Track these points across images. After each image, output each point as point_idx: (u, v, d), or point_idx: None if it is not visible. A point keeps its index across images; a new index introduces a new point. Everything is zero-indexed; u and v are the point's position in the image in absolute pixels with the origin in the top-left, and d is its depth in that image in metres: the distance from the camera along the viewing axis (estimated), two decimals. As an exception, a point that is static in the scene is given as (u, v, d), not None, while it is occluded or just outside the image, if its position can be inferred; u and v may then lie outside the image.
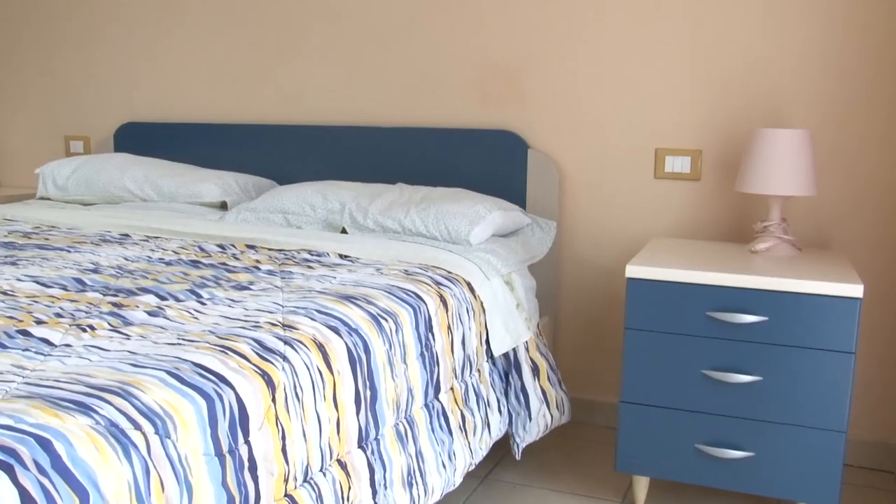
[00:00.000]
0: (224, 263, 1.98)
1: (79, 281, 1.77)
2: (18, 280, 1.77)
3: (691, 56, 2.46)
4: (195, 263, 1.98)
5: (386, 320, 1.62)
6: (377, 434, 1.56)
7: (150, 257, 2.05)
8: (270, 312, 1.52)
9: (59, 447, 0.94)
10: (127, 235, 2.37)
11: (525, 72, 2.65)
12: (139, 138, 3.21)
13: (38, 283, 1.74)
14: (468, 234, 2.21)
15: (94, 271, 1.87)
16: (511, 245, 2.33)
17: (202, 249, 2.15)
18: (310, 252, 2.12)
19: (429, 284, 1.87)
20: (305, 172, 2.92)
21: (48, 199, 2.99)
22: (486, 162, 2.67)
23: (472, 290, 2.01)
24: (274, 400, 1.26)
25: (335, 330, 1.48)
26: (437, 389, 1.80)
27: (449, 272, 2.01)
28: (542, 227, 2.52)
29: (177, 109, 3.20)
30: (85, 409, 1.02)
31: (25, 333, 1.35)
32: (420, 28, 2.76)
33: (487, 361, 2.09)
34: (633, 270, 2.01)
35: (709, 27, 2.43)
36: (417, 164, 2.76)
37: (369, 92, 2.86)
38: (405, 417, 1.67)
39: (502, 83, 2.69)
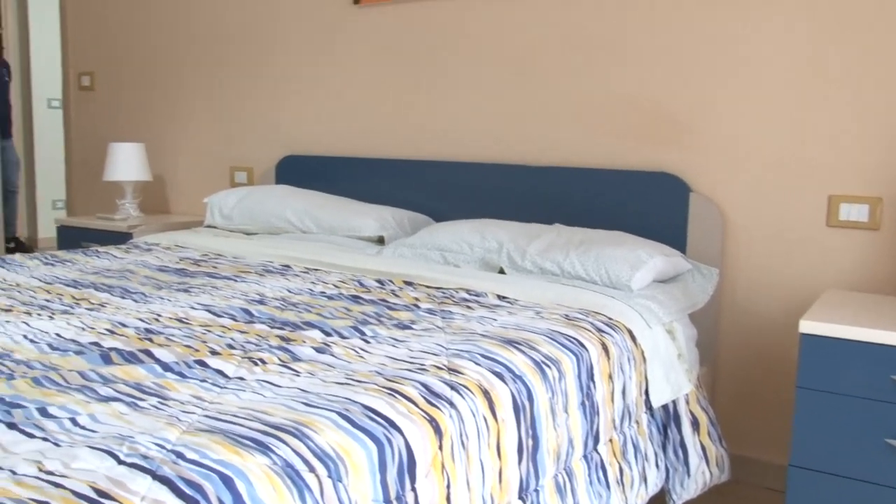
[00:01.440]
0: (384, 300, 1.99)
1: (247, 312, 1.81)
2: (192, 308, 1.83)
3: (869, 96, 2.32)
4: (356, 299, 2.00)
5: (549, 367, 1.58)
6: (537, 485, 1.51)
7: (311, 290, 2.09)
8: (435, 355, 1.51)
9: (241, 486, 0.94)
10: (288, 267, 2.43)
11: (687, 112, 2.57)
12: (299, 170, 3.31)
13: (209, 311, 1.80)
14: (629, 280, 2.14)
15: (261, 302, 1.92)
16: (672, 292, 2.24)
17: (362, 284, 2.17)
18: (468, 291, 2.11)
19: (590, 331, 1.82)
20: (460, 209, 2.92)
21: (214, 227, 3.11)
22: (645, 204, 2.60)
23: (633, 337, 1.95)
24: (441, 447, 1.24)
25: (500, 376, 1.45)
26: (597, 440, 1.74)
27: (610, 318, 1.95)
28: (704, 273, 2.42)
29: (335, 143, 3.29)
30: (263, 448, 1.03)
31: (202, 364, 1.39)
32: (577, 66, 2.72)
33: (646, 413, 2.01)
34: (808, 326, 1.89)
35: (888, 66, 2.28)
36: (573, 204, 2.71)
37: (525, 130, 2.84)
38: (564, 468, 1.62)
39: (662, 123, 2.62)
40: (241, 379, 1.33)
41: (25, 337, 1.56)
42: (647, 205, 2.59)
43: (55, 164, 6.99)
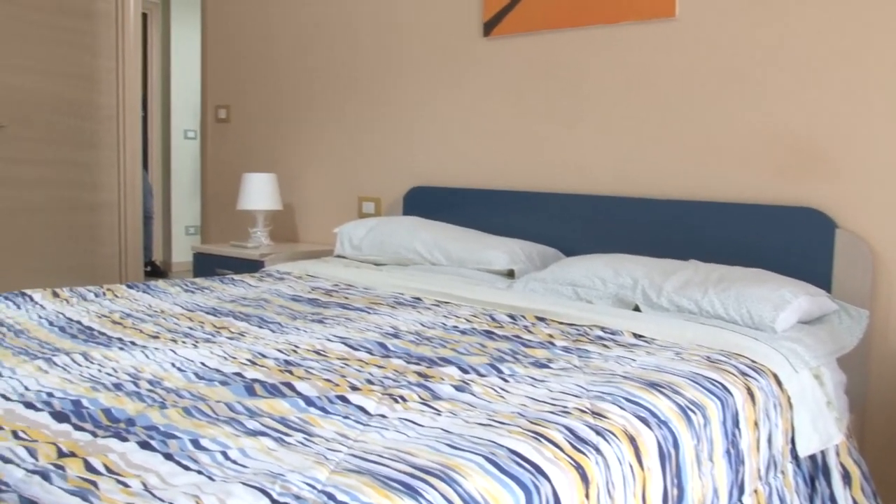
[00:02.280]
0: (518, 336, 1.96)
1: (382, 346, 1.82)
2: (328, 340, 1.85)
3: None
4: (489, 334, 1.97)
5: (694, 413, 1.51)
6: (681, 537, 1.44)
7: (444, 324, 2.08)
8: (576, 396, 1.47)
9: (392, 532, 0.93)
10: (419, 299, 2.44)
11: (832, 144, 2.45)
12: (427, 202, 3.33)
13: (346, 344, 1.81)
14: (773, 321, 2.04)
15: (395, 336, 1.92)
16: (818, 334, 2.13)
17: (494, 319, 2.15)
18: (602, 329, 2.06)
19: (734, 374, 1.74)
20: (590, 243, 2.87)
21: (344, 257, 3.16)
22: (786, 241, 2.48)
23: (778, 382, 1.85)
24: (587, 495, 1.20)
25: (645, 421, 1.40)
26: (741, 491, 1.66)
27: (753, 361, 1.86)
28: (852, 314, 2.29)
29: (463, 175, 3.29)
30: (412, 492, 1.01)
31: (343, 399, 1.39)
32: (711, 96, 2.64)
33: (791, 462, 1.90)
34: (977, 376, 1.75)
35: None
36: (709, 239, 2.62)
37: (656, 163, 2.77)
38: (709, 520, 1.54)
39: (804, 156, 2.51)
40: (383, 416, 1.32)
41: (173, 365, 1.60)
42: (788, 241, 2.48)
43: (188, 191, 7.30)
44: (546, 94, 3.04)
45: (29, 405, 1.32)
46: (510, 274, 2.74)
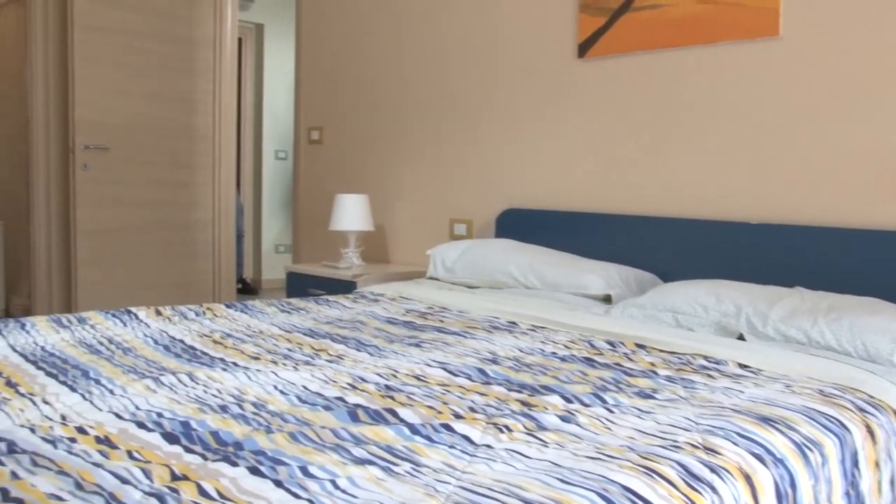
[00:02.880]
0: (619, 364, 1.92)
1: (482, 372, 1.79)
2: (427, 365, 1.84)
3: None
4: (589, 361, 1.93)
5: (811, 451, 1.44)
6: (798, 582, 1.37)
7: (542, 350, 2.05)
8: (685, 430, 1.42)
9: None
10: (515, 323, 2.41)
11: (955, 169, 2.34)
12: (520, 224, 3.30)
13: (445, 370, 1.80)
14: (892, 353, 1.95)
15: (494, 362, 1.90)
16: (938, 368, 2.02)
17: (593, 346, 2.11)
18: (706, 358, 1.99)
19: (852, 410, 1.66)
20: (687, 268, 2.80)
21: (437, 279, 3.16)
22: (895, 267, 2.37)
23: (898, 419, 1.75)
24: (704, 537, 1.15)
25: (760, 459, 1.34)
26: (860, 534, 1.57)
27: (871, 396, 1.77)
28: (974, 348, 2.17)
29: (556, 198, 3.26)
30: (527, 528, 0.99)
31: (448, 428, 1.37)
32: (817, 117, 2.55)
33: (911, 504, 1.80)
34: None
35: None
36: (813, 266, 2.53)
37: (757, 186, 2.69)
38: (827, 565, 1.46)
39: (921, 180, 2.39)
40: (489, 447, 1.30)
41: (275, 387, 1.61)
42: (902, 269, 2.37)
43: (278, 211, 7.43)
44: (642, 115, 2.98)
45: (141, 425, 1.35)
46: (607, 299, 2.69)
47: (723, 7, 2.75)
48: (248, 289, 7.07)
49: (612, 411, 1.52)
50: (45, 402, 1.47)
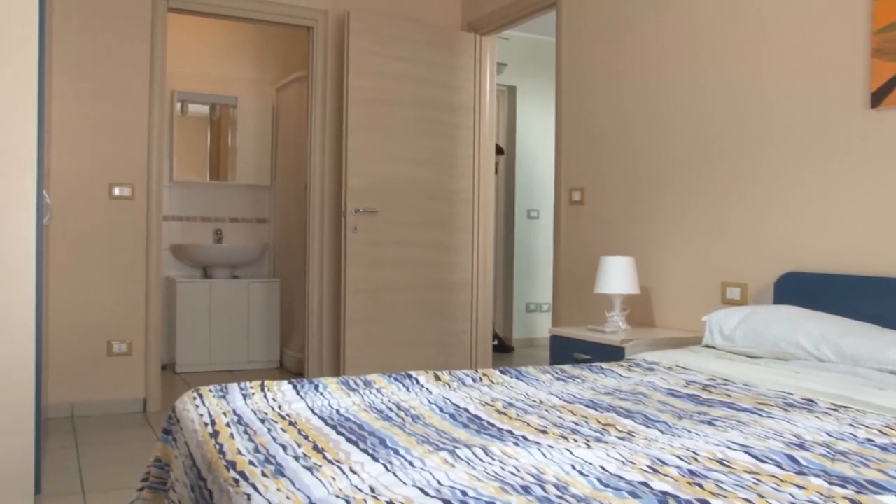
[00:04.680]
0: (954, 457, 1.68)
1: (791, 459, 1.64)
2: (728, 447, 1.71)
3: None
4: (917, 452, 1.71)
5: None
6: None
7: (854, 435, 1.85)
8: None
9: None
10: (811, 401, 2.21)
11: None
12: (803, 289, 3.06)
13: (749, 454, 1.66)
14: None
15: (801, 447, 1.73)
16: None
17: (915, 433, 1.87)
18: None
19: None
20: None
21: (713, 347, 2.99)
22: None
23: None
24: None
25: None
26: None
27: None
28: None
29: (845, 259, 2.99)
30: None
31: (774, 527, 1.24)
32: None
33: None
34: None
35: None
36: None
37: None
38: None
39: None
40: (829, 554, 1.15)
41: (573, 467, 1.55)
42: None
43: (529, 270, 7.48)
44: (952, 170, 2.68)
45: (447, 503, 1.33)
46: (920, 376, 2.41)
47: None
48: (502, 346, 7.14)
49: (965, 518, 1.32)
50: (353, 472, 1.51)
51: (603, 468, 1.55)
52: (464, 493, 1.39)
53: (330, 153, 5.24)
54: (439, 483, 1.45)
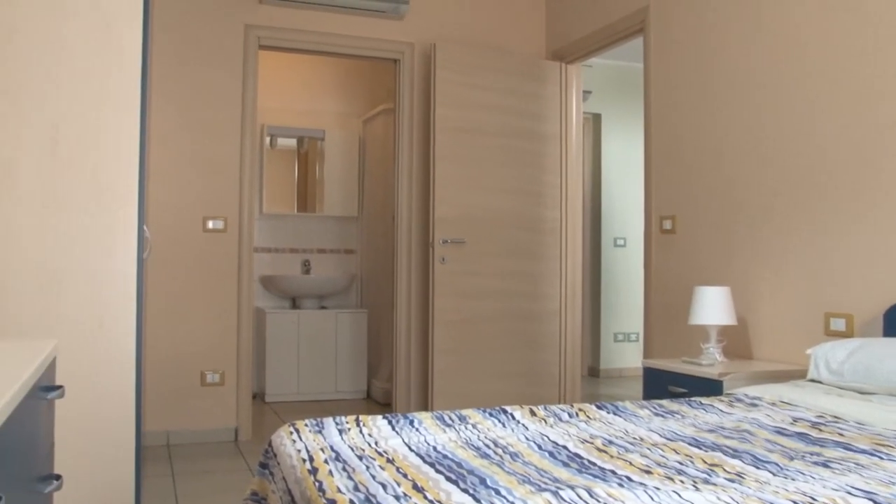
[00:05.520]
0: None
1: (920, 506, 1.54)
2: (849, 493, 1.61)
3: None
4: None
5: None
6: None
7: None
8: None
9: None
10: (933, 441, 2.08)
11: None
12: (915, 321, 2.91)
13: (873, 501, 1.56)
14: None
15: (929, 493, 1.63)
16: None
17: None
18: None
19: None
20: None
21: (819, 381, 2.86)
22: None
23: None
24: None
25: None
26: None
27: None
28: None
29: (962, 290, 2.83)
30: None
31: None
32: None
33: None
34: None
35: None
36: None
37: None
38: None
39: None
40: None
41: (683, 512, 1.49)
42: None
43: (616, 299, 7.36)
44: None
45: (555, 549, 1.29)
46: None
47: None
48: (590, 373, 7.03)
49: None
50: (455, 513, 1.47)
51: (716, 513, 1.49)
52: (572, 539, 1.34)
53: (417, 184, 5.26)
54: (545, 527, 1.40)
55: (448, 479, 1.71)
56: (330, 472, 1.78)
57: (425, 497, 1.57)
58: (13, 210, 2.74)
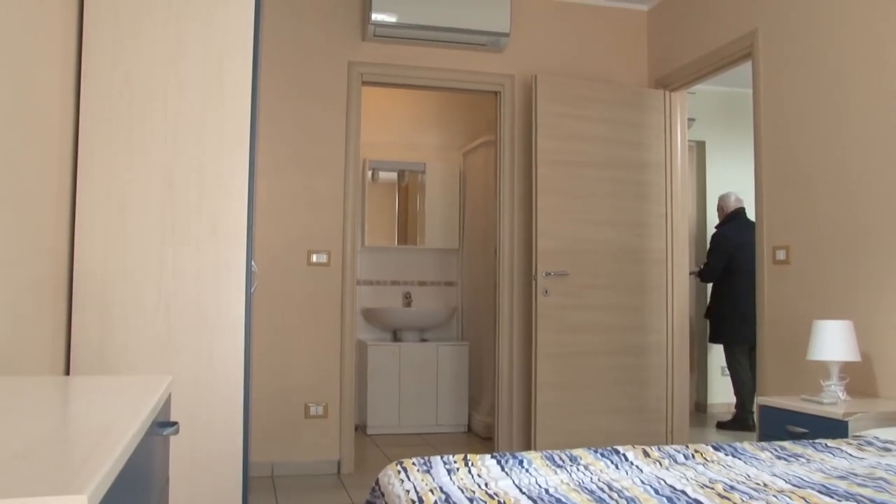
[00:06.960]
0: None
1: None
2: None
3: None
4: None
5: None
6: None
7: None
8: None
9: None
10: None
11: None
12: None
13: None
14: None
15: None
16: None
17: None
18: None
19: None
20: None
21: (957, 424, 2.67)
22: None
23: None
24: None
25: None
26: None
27: None
28: None
29: None
30: None
31: None
32: None
33: None
34: None
35: None
36: None
37: None
38: None
39: None
40: None
41: (821, 569, 1.38)
42: None
43: (727, 331, 7.10)
44: None
45: None
46: None
47: None
48: (697, 409, 6.81)
49: None
50: (573, 563, 1.41)
51: (857, 571, 1.37)
52: None
53: (519, 216, 5.22)
54: (671, 582, 1.32)
55: (563, 525, 1.64)
56: (441, 514, 1.74)
57: (541, 545, 1.51)
58: (135, 245, 2.82)
